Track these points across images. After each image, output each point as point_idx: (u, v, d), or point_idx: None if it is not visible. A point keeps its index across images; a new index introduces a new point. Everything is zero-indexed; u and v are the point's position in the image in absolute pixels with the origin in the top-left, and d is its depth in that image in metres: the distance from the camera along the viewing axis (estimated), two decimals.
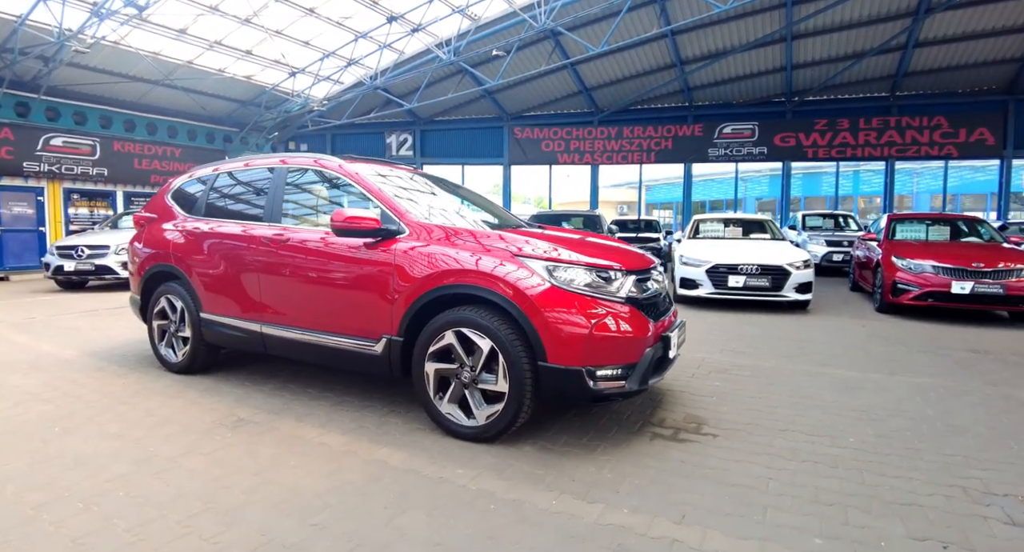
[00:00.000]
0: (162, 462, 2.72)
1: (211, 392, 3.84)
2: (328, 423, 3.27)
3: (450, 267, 2.98)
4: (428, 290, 3.01)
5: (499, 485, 2.54)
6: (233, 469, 2.65)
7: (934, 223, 8.98)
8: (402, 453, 2.85)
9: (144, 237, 4.51)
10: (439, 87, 17.30)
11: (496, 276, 2.86)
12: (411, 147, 20.24)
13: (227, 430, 3.13)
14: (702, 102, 18.80)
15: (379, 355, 3.21)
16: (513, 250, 2.95)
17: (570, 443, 3.03)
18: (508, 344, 2.81)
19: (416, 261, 3.08)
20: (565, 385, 2.77)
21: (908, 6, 13.57)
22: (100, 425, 3.20)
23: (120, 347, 5.28)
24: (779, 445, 3.11)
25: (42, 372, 4.34)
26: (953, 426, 3.46)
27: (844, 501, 2.50)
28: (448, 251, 3.03)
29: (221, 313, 3.92)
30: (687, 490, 2.56)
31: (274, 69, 15.68)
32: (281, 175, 3.86)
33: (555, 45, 15.65)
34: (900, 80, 16.36)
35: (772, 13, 14.10)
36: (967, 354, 5.43)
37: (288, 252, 3.56)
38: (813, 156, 18.23)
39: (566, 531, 2.19)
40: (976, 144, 16.49)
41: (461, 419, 2.99)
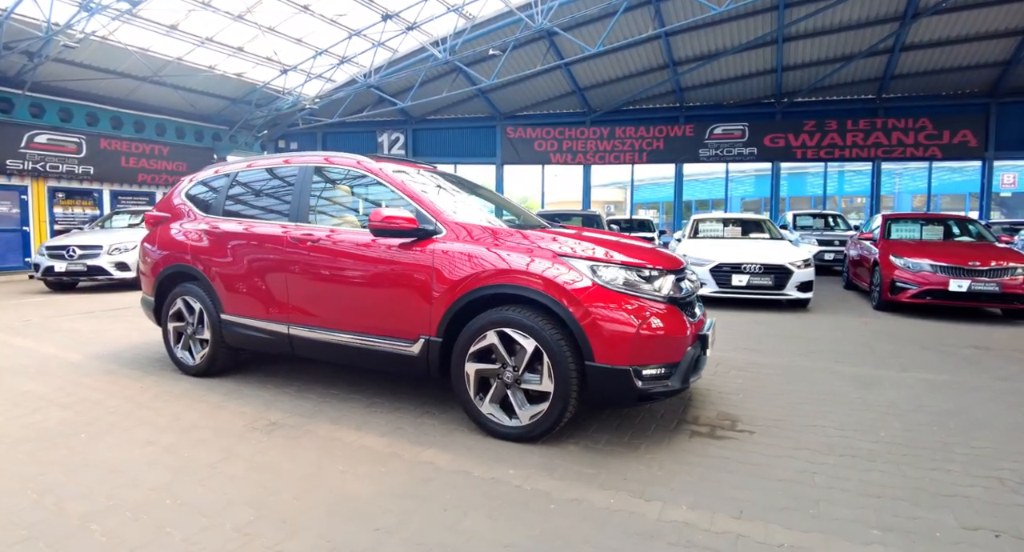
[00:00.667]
0: (201, 468, 2.66)
1: (235, 395, 3.77)
2: (364, 425, 3.23)
3: (495, 267, 2.96)
4: (470, 290, 3.00)
5: (553, 485, 2.54)
6: (276, 474, 2.61)
7: (928, 223, 9.17)
8: (447, 454, 2.83)
9: (158, 237, 4.41)
10: (432, 86, 17.24)
11: (543, 277, 2.86)
12: (403, 146, 20.13)
13: (261, 434, 3.08)
14: (693, 103, 18.99)
15: (416, 356, 3.19)
16: (556, 250, 2.95)
17: (612, 442, 3.04)
18: (554, 344, 2.80)
19: (457, 261, 3.06)
20: (612, 385, 2.78)
21: (896, 11, 13.85)
22: (126, 431, 3.13)
23: (127, 350, 5.17)
24: (814, 440, 3.15)
25: (51, 376, 4.23)
26: (975, 420, 3.54)
27: (890, 493, 2.55)
28: (491, 251, 3.02)
29: (244, 314, 3.85)
30: (737, 486, 2.58)
31: (265, 66, 15.48)
32: (307, 174, 3.81)
33: (549, 45, 15.69)
34: (887, 83, 16.70)
35: (765, 15, 14.29)
36: (971, 351, 5.56)
37: (319, 253, 3.51)
38: (802, 157, 18.52)
39: (632, 529, 2.20)
40: (959, 146, 16.90)
41: (503, 419, 2.98)
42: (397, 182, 3.47)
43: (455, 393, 3.14)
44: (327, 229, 3.58)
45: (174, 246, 4.24)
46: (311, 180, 3.78)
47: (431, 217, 3.23)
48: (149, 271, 4.45)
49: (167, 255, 4.27)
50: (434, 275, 3.11)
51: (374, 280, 3.31)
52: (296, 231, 3.64)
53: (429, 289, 3.12)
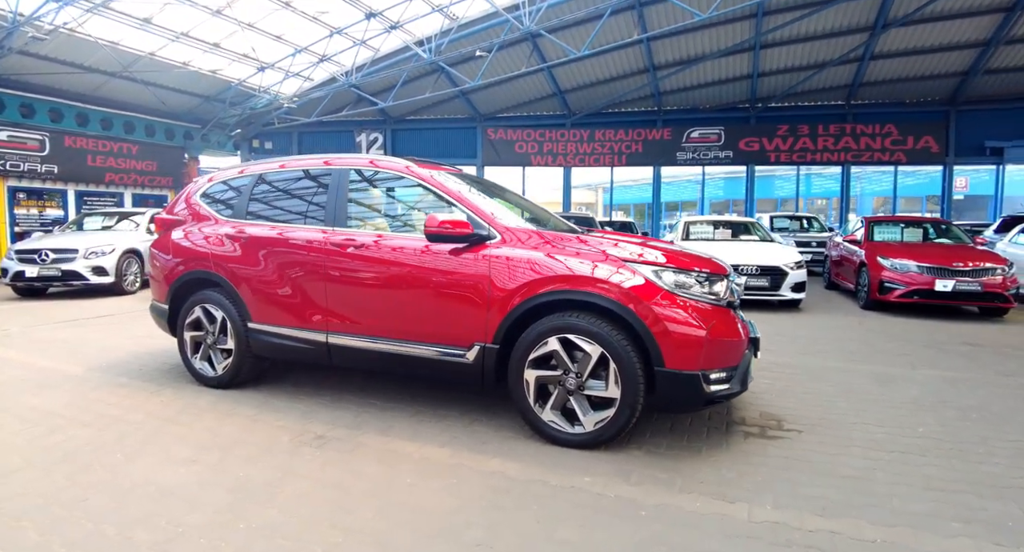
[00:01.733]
0: (261, 488, 2.53)
1: (267, 408, 3.62)
2: (417, 435, 3.15)
3: (557, 273, 2.93)
4: (531, 296, 2.95)
5: (633, 491, 2.53)
6: (345, 491, 2.50)
7: (908, 225, 9.56)
8: (515, 463, 2.78)
9: (172, 242, 4.21)
10: (414, 86, 17.04)
11: (611, 283, 2.85)
12: (381, 146, 19.84)
13: (312, 449, 2.96)
14: (671, 107, 19.32)
15: (471, 363, 3.12)
16: (620, 255, 2.94)
17: (672, 446, 3.05)
18: (621, 350, 2.80)
19: (516, 267, 3.02)
20: (682, 390, 2.79)
21: (868, 21, 14.40)
22: (164, 449, 2.96)
23: (130, 360, 4.92)
24: (860, 437, 3.24)
25: (57, 391, 3.98)
26: (998, 415, 3.69)
27: (952, 487, 2.65)
28: (554, 257, 2.98)
29: (275, 323, 3.70)
30: (808, 484, 2.63)
31: (242, 64, 15.03)
32: (342, 178, 3.69)
33: (533, 48, 15.71)
34: (855, 89, 17.33)
35: (744, 22, 14.64)
36: (965, 347, 5.81)
37: (363, 258, 3.40)
38: (775, 160, 19.05)
39: (728, 531, 2.21)
40: (922, 151, 17.67)
41: (565, 426, 2.95)
42: (447, 188, 3.40)
43: (513, 400, 3.09)
44: (372, 234, 3.48)
45: (192, 251, 4.05)
46: (348, 183, 3.67)
47: (484, 222, 3.18)
48: (162, 277, 4.23)
49: (185, 260, 4.07)
50: (491, 281, 3.05)
51: (426, 286, 3.22)
52: (336, 236, 3.52)
53: (485, 295, 3.06)
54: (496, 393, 3.91)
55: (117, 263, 9.50)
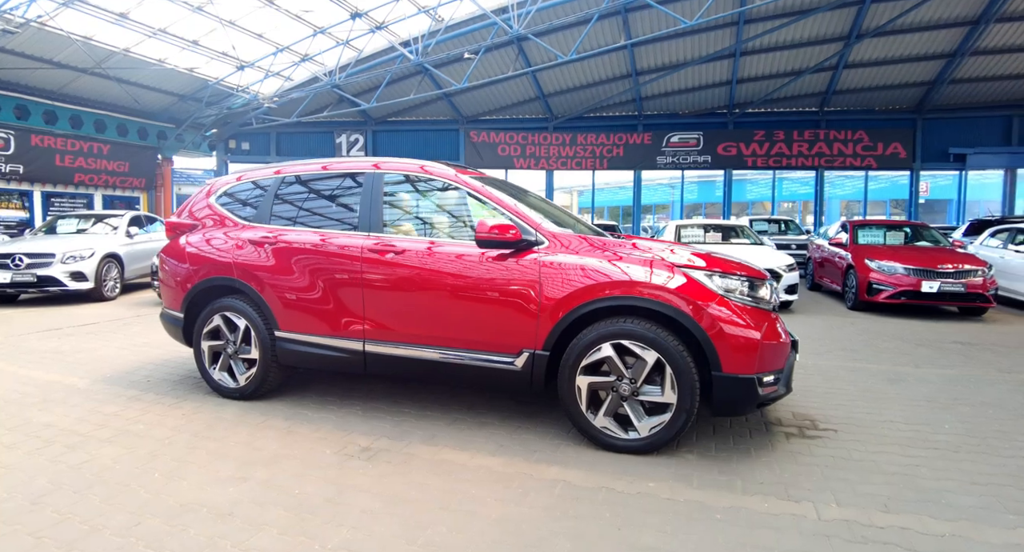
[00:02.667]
0: (323, 505, 2.43)
1: (298, 419, 3.49)
2: (465, 444, 3.09)
3: (612, 279, 2.93)
4: (585, 302, 2.94)
5: (700, 494, 2.54)
6: (413, 505, 2.43)
7: (890, 229, 9.90)
8: (574, 471, 2.76)
9: (187, 247, 4.04)
10: (397, 87, 16.89)
11: (668, 288, 2.86)
12: (362, 148, 19.59)
13: (360, 461, 2.87)
14: (651, 112, 19.61)
15: (519, 370, 3.09)
16: (674, 261, 2.96)
17: (721, 448, 3.08)
18: (677, 355, 2.81)
19: (568, 273, 3.00)
20: (738, 393, 2.82)
21: (842, 31, 14.90)
22: (203, 466, 2.82)
23: (134, 371, 4.69)
24: (892, 435, 3.32)
25: (65, 406, 3.76)
26: (1013, 409, 3.84)
27: (994, 480, 2.74)
28: (608, 263, 2.98)
29: (306, 331, 3.59)
30: (862, 482, 2.69)
31: (221, 62, 14.65)
32: (375, 181, 3.61)
33: (519, 51, 15.76)
34: (829, 97, 17.91)
35: (725, 30, 14.98)
36: (958, 346, 6.04)
37: (405, 265, 3.33)
38: (752, 165, 19.51)
39: (804, 530, 2.24)
40: (891, 157, 18.36)
41: (618, 432, 2.95)
42: (488, 193, 3.36)
43: (562, 406, 3.06)
44: (414, 240, 3.41)
45: (212, 257, 3.89)
46: (382, 188, 3.59)
47: (531, 228, 3.16)
48: (177, 285, 4.05)
49: (203, 267, 3.91)
50: (541, 287, 3.03)
51: (472, 293, 3.17)
52: (375, 241, 3.44)
53: (536, 301, 3.03)
54: (533, 398, 3.89)
55: (96, 268, 9.11)
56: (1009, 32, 14.50)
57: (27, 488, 2.57)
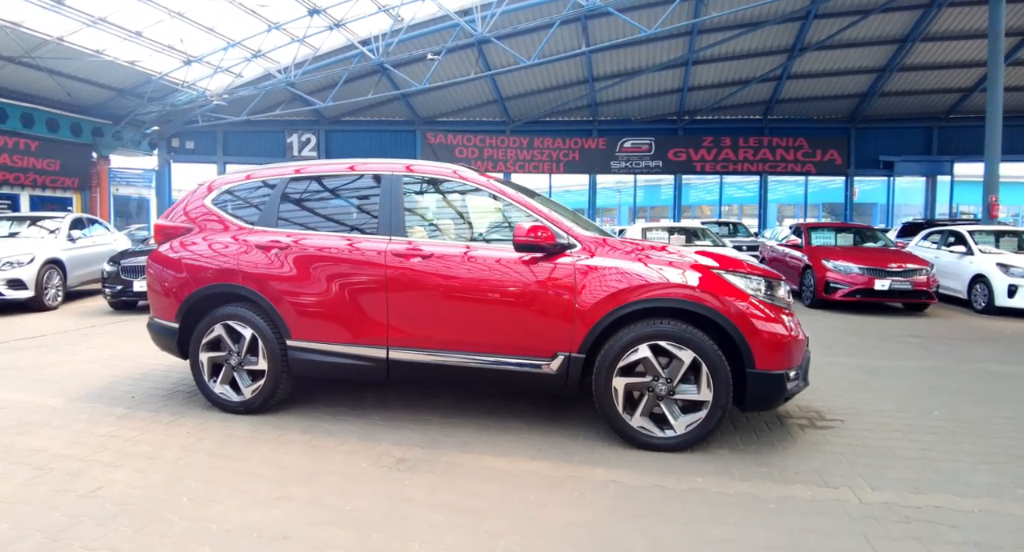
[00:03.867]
0: (382, 521, 2.31)
1: (317, 432, 3.33)
2: (502, 450, 3.05)
3: (652, 281, 2.98)
4: (622, 304, 2.97)
5: (747, 486, 2.62)
6: (476, 515, 2.37)
7: (840, 231, 10.55)
8: (621, 471, 2.78)
9: (181, 252, 3.78)
10: (352, 87, 16.49)
11: (704, 289, 2.94)
12: (315, 148, 19.01)
13: (401, 473, 2.78)
14: (605, 117, 20.09)
15: (554, 374, 3.09)
16: (705, 263, 3.05)
17: (747, 441, 3.19)
18: (713, 354, 2.90)
19: (605, 276, 3.03)
20: (769, 389, 2.94)
21: (787, 44, 15.77)
22: (235, 488, 2.63)
23: (113, 386, 4.31)
24: (893, 423, 3.55)
25: (47, 428, 3.40)
26: (983, 397, 4.18)
27: (995, 460, 2.99)
28: (644, 266, 3.03)
29: (322, 339, 3.44)
30: (885, 467, 2.87)
31: (166, 55, 13.85)
32: (394, 184, 3.50)
33: (479, 54, 15.75)
34: (772, 106, 18.91)
35: (679, 39, 15.53)
36: (915, 339, 6.51)
37: (434, 270, 3.26)
38: (701, 170, 20.32)
39: (853, 514, 2.38)
40: (828, 163, 19.58)
41: (655, 431, 3.00)
42: (516, 197, 3.35)
43: (599, 408, 3.08)
44: (443, 243, 3.34)
45: (212, 262, 3.66)
46: (402, 190, 3.50)
47: (563, 231, 3.17)
48: (170, 293, 3.78)
49: (202, 273, 3.67)
50: (577, 290, 3.05)
51: (506, 297, 3.14)
52: (400, 245, 3.34)
53: (571, 304, 3.04)
54: (549, 400, 3.89)
55: (37, 275, 8.40)
56: (931, 51, 15.79)
57: (40, 523, 2.31)
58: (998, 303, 8.24)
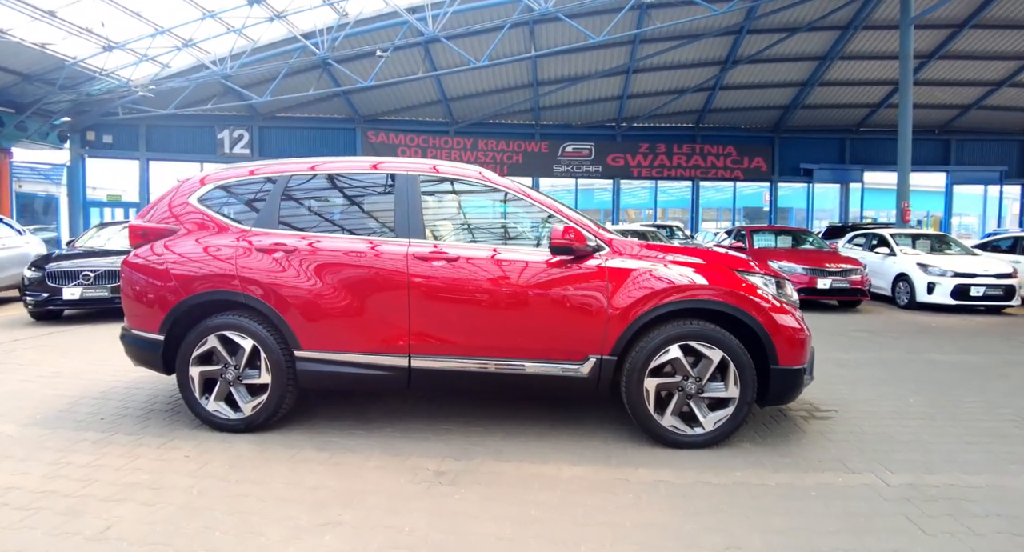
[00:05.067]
0: (451, 540, 2.21)
1: (335, 447, 3.12)
2: (542, 457, 2.99)
3: (678, 283, 3.04)
4: (655, 306, 3.01)
5: (783, 477, 2.74)
6: (545, 526, 2.31)
7: (779, 234, 11.27)
8: (663, 470, 2.81)
9: (166, 256, 3.43)
10: (290, 82, 15.74)
11: (732, 290, 3.04)
12: (248, 145, 18.00)
13: (446, 486, 2.67)
14: (547, 122, 20.38)
15: (586, 377, 3.08)
16: (731, 265, 3.16)
17: (763, 435, 3.33)
18: (740, 352, 3.00)
19: (637, 278, 3.06)
20: (790, 384, 3.09)
21: (721, 56, 16.66)
22: (270, 515, 2.40)
23: (72, 408, 3.76)
24: (879, 411, 3.82)
25: (12, 461, 2.93)
26: (944, 384, 4.58)
27: (979, 440, 3.31)
28: (674, 268, 3.09)
29: (336, 349, 3.23)
30: (892, 452, 3.09)
31: (83, 39, 12.62)
32: (411, 184, 3.36)
33: (426, 53, 15.52)
34: (704, 114, 19.90)
35: (622, 48, 16.02)
36: (864, 334, 7.05)
37: (459, 273, 3.15)
38: (638, 175, 21.06)
39: (888, 496, 2.56)
40: (754, 170, 20.85)
41: (685, 429, 3.06)
42: (543, 200, 3.32)
43: (630, 409, 3.10)
44: (468, 246, 3.24)
45: (205, 267, 3.34)
46: (418, 191, 3.36)
47: (591, 234, 3.18)
48: (152, 301, 3.41)
49: (192, 279, 3.34)
50: (609, 293, 3.06)
51: (536, 301, 3.10)
52: (421, 248, 3.21)
53: (603, 307, 3.05)
54: (561, 404, 3.88)
55: None
56: (846, 68, 17.22)
57: None
58: (919, 299, 9.08)
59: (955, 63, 16.58)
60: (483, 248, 3.25)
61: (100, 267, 7.41)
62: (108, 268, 7.37)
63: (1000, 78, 17.30)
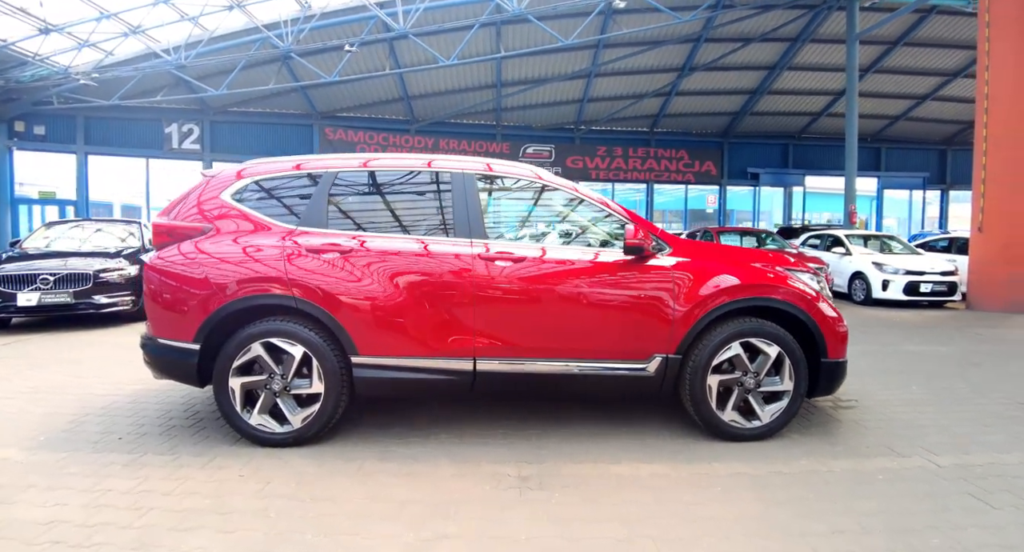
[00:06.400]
0: (568, 548, 2.20)
1: (399, 458, 2.99)
2: (613, 456, 3.01)
3: (743, 282, 3.16)
4: (718, 305, 3.11)
5: (846, 464, 2.92)
6: (656, 525, 2.33)
7: (743, 234, 11.80)
8: (734, 463, 2.91)
9: (201, 257, 3.22)
10: (245, 75, 15.03)
11: (790, 288, 3.21)
12: (198, 140, 17.04)
13: (536, 491, 2.64)
14: (508, 123, 20.45)
15: (652, 375, 3.14)
16: (785, 263, 3.30)
17: (804, 425, 3.50)
18: (795, 347, 3.16)
19: (701, 277, 3.15)
20: (836, 375, 3.28)
21: (679, 63, 17.26)
22: (368, 535, 2.26)
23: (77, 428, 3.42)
24: (892, 400, 4.08)
25: (36, 491, 2.62)
26: (930, 373, 4.95)
27: (990, 421, 3.62)
28: (738, 267, 3.20)
29: (397, 354, 3.13)
30: (924, 436, 3.33)
31: (16, 19, 11.55)
32: (469, 183, 3.30)
33: (390, 50, 15.22)
34: (659, 119, 20.55)
35: (586, 52, 16.31)
36: None
37: (527, 274, 3.13)
38: (596, 177, 21.46)
39: (944, 476, 2.79)
40: (705, 174, 21.72)
41: (744, 422, 3.18)
42: (605, 200, 3.36)
43: (693, 405, 3.17)
44: (532, 246, 3.22)
45: (247, 270, 3.16)
46: (476, 191, 3.31)
47: (655, 234, 3.24)
48: (187, 308, 3.16)
49: (235, 283, 3.13)
50: (675, 292, 3.13)
51: (605, 301, 3.12)
52: (484, 248, 3.16)
53: (670, 306, 3.12)
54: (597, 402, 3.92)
55: None
56: (793, 78, 18.24)
57: None
58: (875, 296, 9.75)
59: (888, 77, 17.92)
60: (548, 248, 3.25)
61: (59, 270, 6.83)
62: (71, 271, 6.82)
63: (925, 92, 18.85)
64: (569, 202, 3.50)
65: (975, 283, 9.41)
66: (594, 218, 3.42)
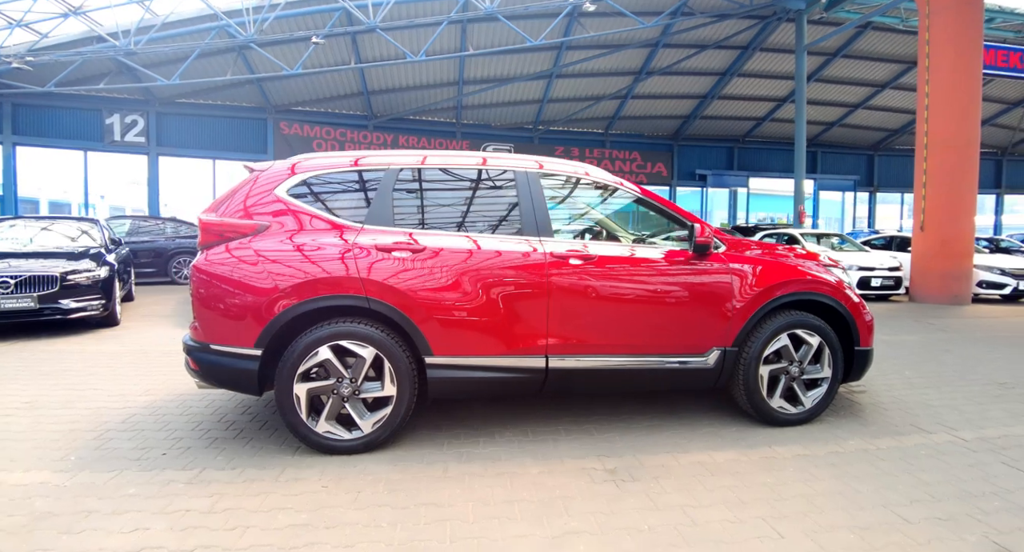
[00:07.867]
0: (694, 534, 2.29)
1: (479, 459, 2.99)
2: (683, 447, 3.14)
3: (791, 278, 3.39)
4: (770, 299, 3.33)
5: (886, 442, 3.22)
6: (751, 507, 2.48)
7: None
8: (793, 446, 3.11)
9: (258, 257, 3.10)
10: (198, 65, 14.25)
11: (831, 282, 3.48)
12: (143, 132, 15.98)
13: (632, 483, 2.73)
14: (468, 121, 20.40)
15: (711, 368, 3.32)
16: (818, 260, 3.58)
17: (831, 410, 3.77)
18: (833, 337, 3.45)
19: (756, 274, 3.36)
20: (866, 362, 3.59)
21: (636, 67, 17.79)
22: (499, 538, 2.26)
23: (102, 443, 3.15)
24: (897, 383, 4.47)
25: (101, 517, 2.37)
26: (914, 359, 5.43)
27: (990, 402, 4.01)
28: (782, 262, 3.43)
29: (472, 353, 3.12)
30: (939, 414, 3.70)
31: None
32: (533, 181, 3.36)
33: (352, 42, 14.86)
34: (614, 121, 21.10)
35: (548, 53, 16.52)
36: None
37: (597, 272, 3.21)
38: None
39: (974, 448, 3.13)
40: (657, 174, 22.49)
41: (789, 409, 3.43)
42: (658, 197, 3.50)
43: (746, 395, 3.36)
44: (600, 244, 3.32)
45: (315, 270, 3.06)
46: (540, 190, 3.37)
47: (710, 232, 3.42)
48: (246, 311, 3.01)
49: (304, 283, 3.01)
50: (733, 288, 3.33)
51: (669, 298, 3.27)
52: (554, 246, 3.23)
53: (728, 302, 3.32)
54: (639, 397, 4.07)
55: None
56: (741, 84, 19.21)
57: None
58: None
59: (826, 86, 19.22)
60: (617, 246, 3.37)
61: (21, 272, 6.27)
62: (37, 273, 6.27)
63: (857, 101, 20.36)
64: (621, 199, 3.64)
65: (917, 277, 10.32)
66: (656, 217, 3.57)
